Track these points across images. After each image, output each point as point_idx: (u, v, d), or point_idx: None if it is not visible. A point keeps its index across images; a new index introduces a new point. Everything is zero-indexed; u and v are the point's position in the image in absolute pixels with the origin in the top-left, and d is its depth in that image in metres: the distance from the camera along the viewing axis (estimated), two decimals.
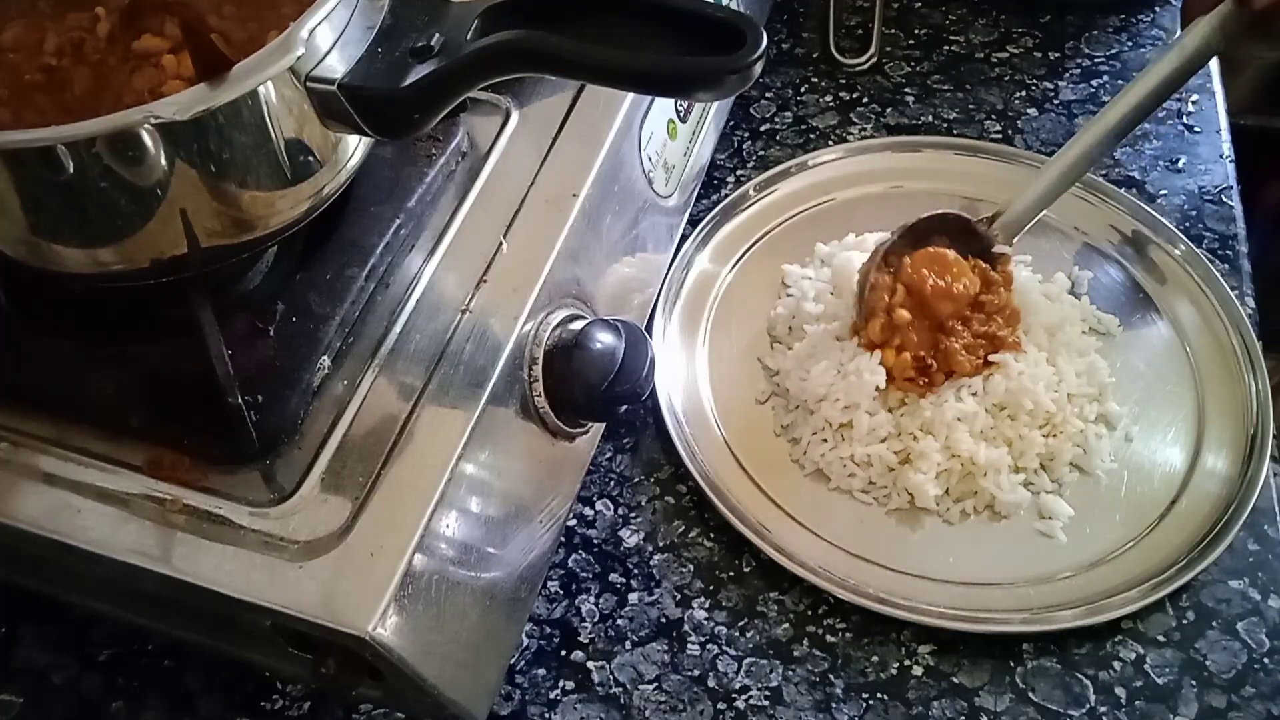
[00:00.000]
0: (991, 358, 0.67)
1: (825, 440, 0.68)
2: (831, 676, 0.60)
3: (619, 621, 0.63)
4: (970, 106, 0.87)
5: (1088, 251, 0.77)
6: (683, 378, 0.72)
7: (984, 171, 0.82)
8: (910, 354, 0.67)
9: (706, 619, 0.63)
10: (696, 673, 0.61)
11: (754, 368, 0.73)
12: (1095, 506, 0.65)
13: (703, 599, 0.63)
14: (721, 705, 0.59)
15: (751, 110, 0.88)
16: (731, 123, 0.86)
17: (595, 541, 0.66)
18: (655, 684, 0.60)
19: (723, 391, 0.72)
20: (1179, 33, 0.73)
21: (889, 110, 0.87)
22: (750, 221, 0.80)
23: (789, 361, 0.71)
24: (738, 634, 0.62)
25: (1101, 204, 0.79)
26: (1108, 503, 0.66)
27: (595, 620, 0.63)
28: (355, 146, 0.53)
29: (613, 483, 0.68)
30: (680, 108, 0.73)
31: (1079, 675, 0.60)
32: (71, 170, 0.44)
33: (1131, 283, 0.75)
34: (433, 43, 0.48)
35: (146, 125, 0.43)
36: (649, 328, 0.71)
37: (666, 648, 0.62)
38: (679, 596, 0.63)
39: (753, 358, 0.74)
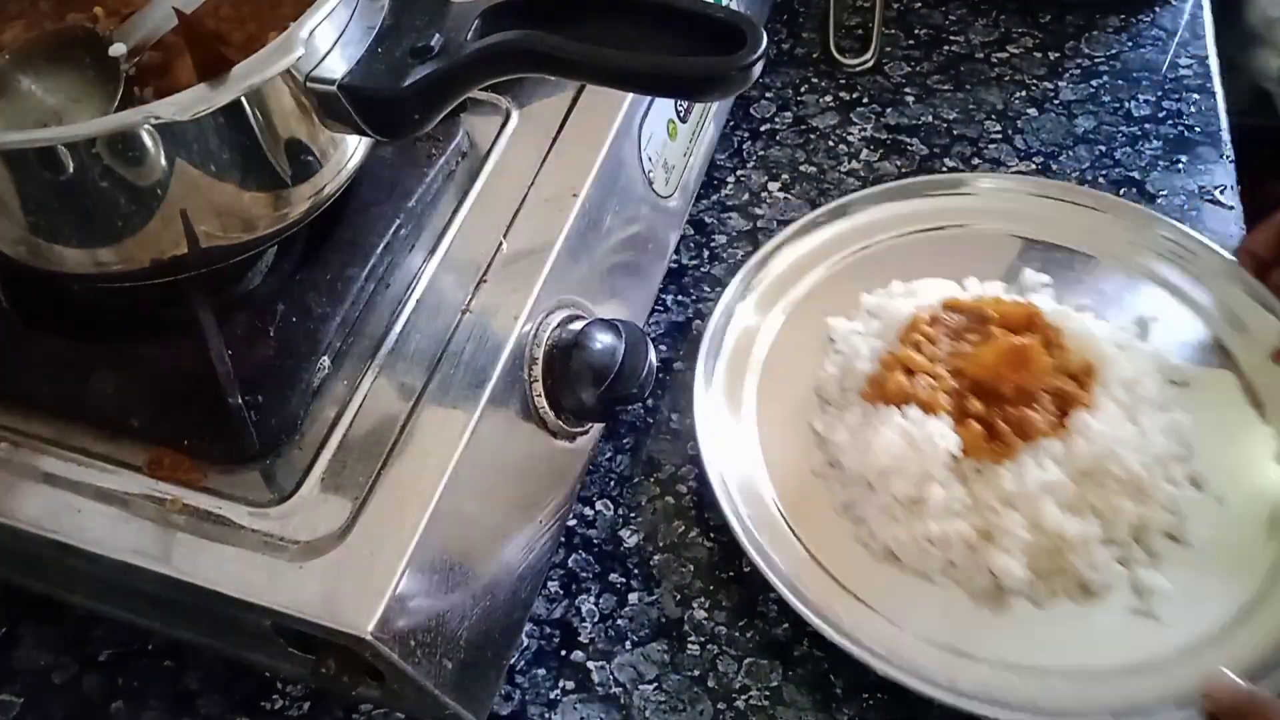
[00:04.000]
0: (1070, 418, 0.62)
1: (895, 519, 0.62)
2: (831, 676, 0.60)
3: (619, 621, 0.63)
4: (970, 106, 0.87)
5: (1144, 287, 0.72)
6: (732, 445, 0.66)
7: (1034, 210, 0.77)
8: (979, 420, 0.62)
9: (706, 619, 0.63)
10: (696, 673, 0.61)
11: (805, 434, 0.67)
12: (1195, 579, 0.59)
13: (703, 599, 0.63)
14: (721, 705, 0.59)
15: (751, 110, 0.88)
16: (731, 123, 0.86)
17: (595, 541, 0.66)
18: (655, 684, 0.60)
19: (775, 461, 0.66)
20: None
21: (889, 110, 0.87)
22: (790, 271, 0.75)
23: (843, 432, 0.65)
24: (738, 634, 0.62)
25: (1137, 227, 0.75)
26: (1208, 573, 0.59)
27: (595, 620, 0.63)
28: (355, 147, 0.53)
29: (613, 483, 0.68)
30: (680, 108, 0.73)
31: None
32: (71, 170, 0.44)
33: (1198, 323, 0.70)
34: (433, 43, 0.48)
35: (146, 125, 0.43)
36: (690, 380, 0.68)
37: (666, 648, 0.62)
38: (679, 596, 0.63)
39: (803, 422, 0.68)
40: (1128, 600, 0.59)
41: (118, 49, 0.49)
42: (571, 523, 0.66)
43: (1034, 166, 0.82)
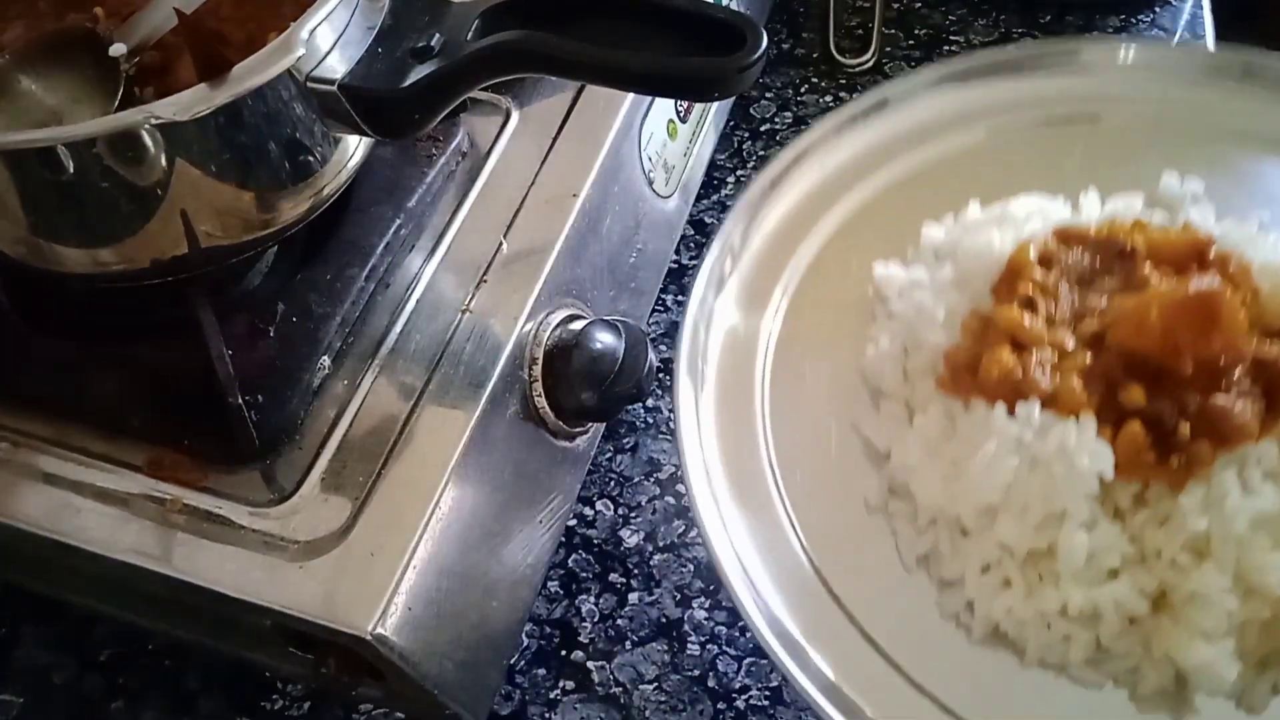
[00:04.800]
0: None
1: (1006, 582, 0.41)
2: None
3: (619, 621, 0.63)
4: None
5: None
6: (736, 485, 0.45)
7: (1169, 92, 0.51)
8: (1139, 417, 0.39)
9: (706, 619, 0.62)
10: (696, 673, 0.61)
11: (853, 446, 0.45)
12: None
13: (703, 599, 0.63)
14: (721, 705, 0.59)
15: (751, 110, 0.88)
16: (731, 123, 0.86)
17: (595, 541, 0.66)
18: (655, 684, 0.60)
19: (805, 497, 0.44)
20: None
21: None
22: (814, 198, 0.52)
23: (912, 448, 0.43)
24: (738, 634, 0.62)
25: None
26: None
27: (595, 620, 0.63)
28: (355, 146, 0.53)
29: (613, 483, 0.68)
30: (680, 108, 0.73)
31: None
32: (71, 170, 0.44)
33: None
34: (433, 43, 0.48)
35: (146, 125, 0.43)
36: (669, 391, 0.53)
37: (666, 648, 0.61)
38: (679, 596, 0.63)
39: (845, 427, 0.46)
40: None
41: (118, 49, 0.49)
42: (571, 523, 0.66)
43: None
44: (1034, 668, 0.40)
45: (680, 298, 0.77)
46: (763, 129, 0.87)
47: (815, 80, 0.90)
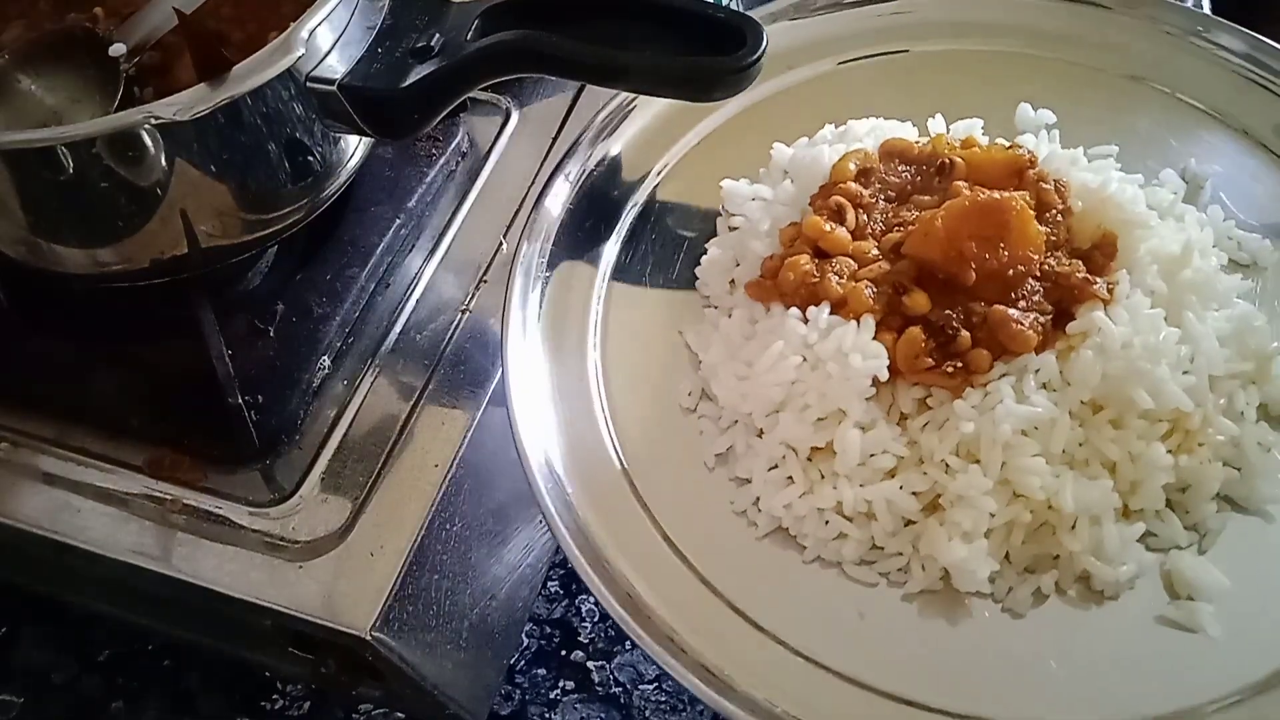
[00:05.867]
0: (1076, 320, 0.40)
1: (789, 478, 0.42)
2: None
3: None
4: None
5: (1206, 131, 0.49)
6: (559, 391, 0.46)
7: (1030, 20, 0.52)
8: (922, 323, 0.40)
9: None
10: None
11: (679, 352, 0.46)
12: (1268, 569, 0.38)
13: None
14: None
15: None
16: None
17: None
18: (655, 684, 0.60)
19: (625, 396, 0.45)
20: None
21: None
22: (666, 121, 0.54)
23: (717, 348, 0.44)
24: None
25: (1211, 54, 0.50)
26: None
27: (595, 620, 0.63)
28: (355, 146, 0.53)
29: None
30: None
31: None
32: (71, 170, 0.44)
33: (1274, 175, 0.47)
34: (433, 43, 0.48)
35: (146, 125, 0.43)
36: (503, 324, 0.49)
37: None
38: None
39: (673, 334, 0.46)
40: (1157, 605, 0.38)
41: (118, 49, 0.49)
42: None
43: None
44: (814, 565, 0.40)
45: None
46: None
47: None
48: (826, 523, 0.41)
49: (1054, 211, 0.43)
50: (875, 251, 0.42)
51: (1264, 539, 0.40)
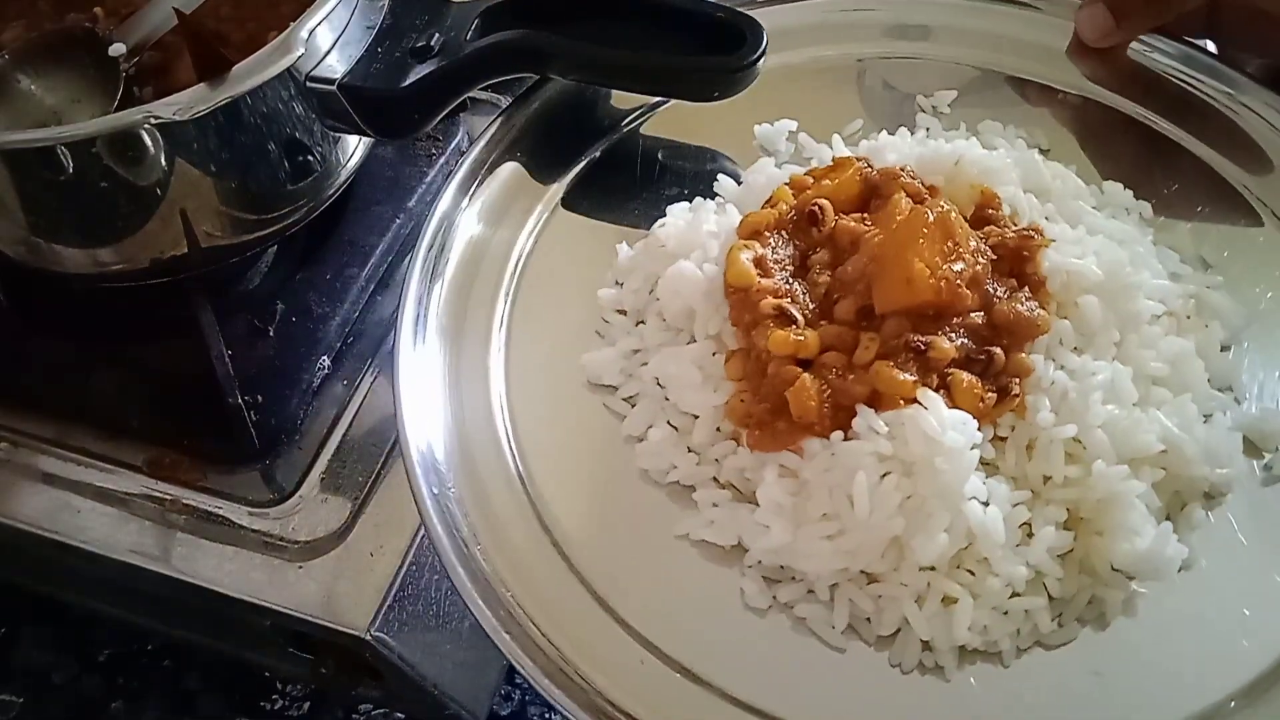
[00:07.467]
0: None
1: (949, 601, 0.37)
2: None
3: None
4: None
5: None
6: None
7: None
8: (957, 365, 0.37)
9: None
10: None
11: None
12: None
13: None
14: None
15: None
16: None
17: None
18: None
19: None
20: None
21: None
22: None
23: (777, 523, 0.38)
24: None
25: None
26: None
27: None
28: (355, 146, 0.53)
29: None
30: None
31: None
32: (71, 170, 0.44)
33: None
34: (433, 43, 0.48)
35: (146, 125, 0.43)
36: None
37: None
38: None
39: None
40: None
41: (118, 49, 0.49)
42: None
43: None
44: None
45: None
46: None
47: None
48: (1005, 613, 0.36)
49: (938, 207, 0.40)
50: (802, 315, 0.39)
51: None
